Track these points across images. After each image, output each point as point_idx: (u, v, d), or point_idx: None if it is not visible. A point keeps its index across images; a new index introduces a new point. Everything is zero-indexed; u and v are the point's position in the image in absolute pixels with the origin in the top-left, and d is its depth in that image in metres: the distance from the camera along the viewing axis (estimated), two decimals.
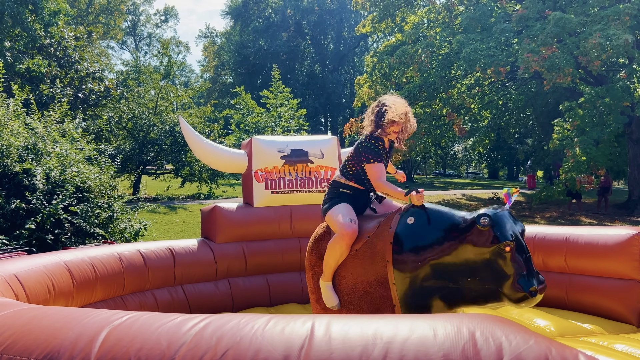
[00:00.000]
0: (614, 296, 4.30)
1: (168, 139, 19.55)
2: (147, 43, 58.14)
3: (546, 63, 15.04)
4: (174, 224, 13.31)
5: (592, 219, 16.55)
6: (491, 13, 18.74)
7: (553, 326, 4.10)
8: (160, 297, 4.63)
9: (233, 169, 5.80)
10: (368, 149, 3.40)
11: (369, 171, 3.40)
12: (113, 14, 45.43)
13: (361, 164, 3.44)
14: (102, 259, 4.08)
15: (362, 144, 3.45)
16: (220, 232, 5.21)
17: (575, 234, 4.59)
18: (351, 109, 42.62)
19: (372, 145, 3.40)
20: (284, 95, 19.93)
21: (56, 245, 6.07)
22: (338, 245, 3.26)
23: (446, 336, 1.37)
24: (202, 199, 20.32)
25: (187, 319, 1.60)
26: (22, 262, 3.43)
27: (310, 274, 3.65)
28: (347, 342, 1.39)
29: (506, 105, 25.11)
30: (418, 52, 19.46)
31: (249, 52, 44.61)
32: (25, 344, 1.61)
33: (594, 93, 16.11)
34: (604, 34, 14.57)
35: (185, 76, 61.49)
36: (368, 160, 3.38)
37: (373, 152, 3.38)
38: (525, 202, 21.65)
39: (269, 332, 1.46)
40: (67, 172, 6.71)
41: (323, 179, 5.61)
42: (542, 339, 1.38)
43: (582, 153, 15.35)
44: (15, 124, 6.75)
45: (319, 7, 47.47)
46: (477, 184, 36.43)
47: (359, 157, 3.44)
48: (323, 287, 3.43)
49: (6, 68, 13.20)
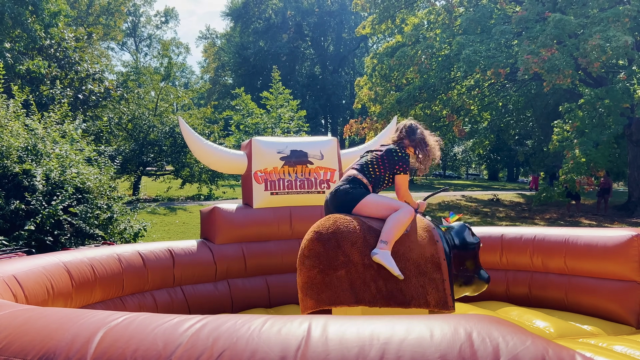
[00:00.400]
0: (613, 298, 4.30)
1: (168, 140, 19.56)
2: (148, 44, 58.21)
3: (546, 64, 15.05)
4: (173, 225, 13.31)
5: (592, 221, 16.55)
6: (491, 15, 18.76)
7: (552, 327, 4.10)
8: (159, 298, 4.63)
9: (233, 170, 5.80)
10: (405, 160, 3.61)
11: (401, 181, 3.62)
12: (113, 15, 45.48)
13: (392, 172, 3.61)
14: (101, 260, 4.07)
15: (398, 153, 3.62)
16: (220, 233, 5.20)
17: (575, 236, 4.59)
18: (351, 110, 42.67)
19: (407, 156, 3.63)
20: (284, 97, 19.94)
21: (56, 246, 6.06)
22: (406, 219, 3.37)
23: (443, 337, 1.37)
24: (202, 200, 20.33)
25: (184, 319, 1.59)
26: (21, 262, 3.43)
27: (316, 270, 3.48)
28: (344, 342, 1.39)
29: (506, 107, 25.13)
30: (418, 54, 19.48)
31: (249, 53, 44.67)
32: (21, 345, 1.61)
33: (593, 94, 16.11)
34: (604, 35, 14.58)
35: (186, 77, 61.55)
36: (404, 171, 3.61)
37: (409, 164, 3.63)
38: (525, 203, 21.66)
39: (265, 333, 1.46)
40: (67, 173, 6.71)
41: (322, 180, 5.61)
42: (539, 340, 1.37)
43: (582, 154, 15.35)
44: (15, 125, 6.75)
45: (319, 9, 47.55)
46: (476, 185, 36.44)
47: (392, 165, 3.59)
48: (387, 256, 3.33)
49: (6, 69, 13.21)
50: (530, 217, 17.59)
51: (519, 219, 17.03)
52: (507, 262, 5.09)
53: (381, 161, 3.60)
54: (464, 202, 21.63)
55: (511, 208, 20.14)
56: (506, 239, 5.07)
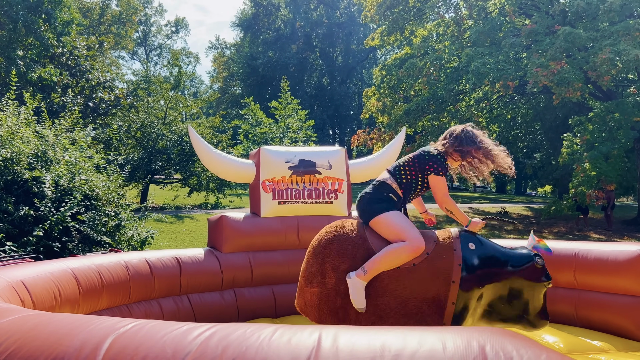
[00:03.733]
0: (624, 313, 4.23)
1: (176, 149, 19.66)
2: (158, 53, 58.73)
3: (555, 78, 15.02)
4: (180, 233, 13.32)
5: (601, 235, 16.40)
6: (500, 27, 18.78)
7: (562, 343, 4.04)
8: (165, 306, 4.62)
9: (241, 178, 5.80)
10: (439, 160, 3.37)
11: (436, 183, 3.37)
12: (125, 24, 46.00)
13: (424, 174, 3.39)
14: (108, 267, 4.07)
15: (429, 154, 3.40)
16: (227, 242, 5.19)
17: (585, 250, 4.54)
18: (359, 121, 42.76)
19: (443, 159, 3.38)
20: (292, 107, 20.01)
21: (63, 253, 6.07)
22: (404, 255, 3.14)
23: (455, 349, 1.35)
24: (209, 208, 20.36)
25: (193, 327, 1.58)
26: (29, 268, 3.44)
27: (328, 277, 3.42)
28: (355, 354, 1.37)
29: (514, 120, 25.07)
30: (427, 65, 19.51)
31: (259, 63, 44.95)
32: (30, 350, 1.61)
33: (603, 108, 16.05)
34: (614, 49, 14.55)
35: (195, 87, 61.96)
36: (437, 172, 3.35)
37: (443, 165, 3.37)
38: (533, 216, 21.50)
39: (275, 342, 1.45)
40: (76, 180, 6.74)
41: (330, 190, 5.60)
42: (554, 354, 1.35)
43: (592, 168, 15.25)
44: (26, 131, 6.81)
45: (328, 20, 47.84)
46: (484, 198, 36.25)
47: (423, 166, 3.38)
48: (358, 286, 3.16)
49: (19, 76, 13.38)
50: (538, 230, 17.46)
51: (527, 233, 16.89)
52: None
53: (412, 162, 3.42)
54: (471, 215, 21.52)
55: (519, 221, 20.01)
56: None
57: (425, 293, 3.17)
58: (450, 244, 3.26)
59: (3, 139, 6.37)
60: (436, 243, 3.28)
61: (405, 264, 3.19)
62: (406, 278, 3.20)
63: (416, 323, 3.15)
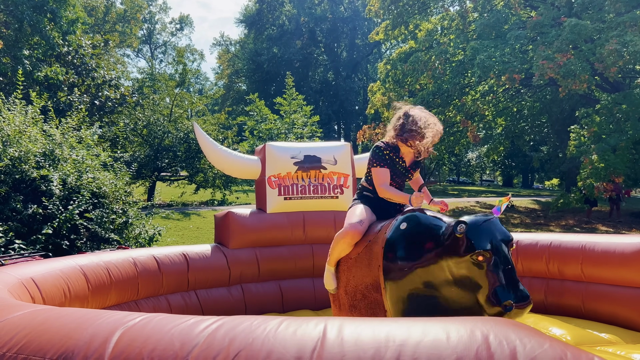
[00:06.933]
0: (632, 305, 4.22)
1: (182, 146, 19.71)
2: (163, 51, 58.85)
3: (561, 70, 14.92)
4: (187, 230, 13.38)
5: (609, 227, 16.31)
6: (505, 20, 18.66)
7: (569, 335, 4.04)
8: (173, 302, 4.65)
9: (247, 174, 5.83)
10: (374, 153, 3.54)
11: (373, 175, 3.52)
12: (129, 22, 46.12)
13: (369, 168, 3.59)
14: (117, 264, 4.11)
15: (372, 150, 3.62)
16: (234, 238, 5.22)
17: (592, 242, 4.53)
18: (364, 116, 42.64)
19: (378, 150, 3.51)
20: (297, 102, 20.00)
21: (72, 251, 6.13)
22: (342, 241, 3.40)
23: (459, 339, 1.36)
24: (216, 205, 20.42)
25: (200, 320, 1.60)
26: (39, 265, 3.48)
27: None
28: (360, 344, 1.39)
29: (521, 113, 24.93)
30: (432, 59, 19.44)
31: (263, 59, 44.92)
32: (40, 344, 1.63)
33: (610, 100, 15.94)
34: (621, 40, 14.42)
35: (200, 84, 62.02)
36: (372, 164, 3.53)
37: (377, 156, 3.50)
38: (540, 210, 21.42)
39: (281, 333, 1.47)
40: (83, 178, 6.79)
41: (336, 186, 5.61)
42: (557, 343, 1.36)
43: (600, 160, 15.16)
44: (34, 130, 6.86)
45: (333, 15, 47.72)
46: (491, 192, 36.13)
47: (369, 162, 3.59)
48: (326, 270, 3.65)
49: (25, 76, 13.45)
50: (545, 223, 17.39)
51: (534, 226, 16.85)
52: (523, 269, 5.03)
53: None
54: (478, 209, 21.46)
55: (526, 214, 19.94)
56: (521, 245, 5.02)
57: (364, 279, 3.27)
58: (387, 227, 3.17)
59: (11, 138, 6.42)
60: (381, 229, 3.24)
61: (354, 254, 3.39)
62: (353, 267, 3.39)
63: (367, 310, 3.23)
